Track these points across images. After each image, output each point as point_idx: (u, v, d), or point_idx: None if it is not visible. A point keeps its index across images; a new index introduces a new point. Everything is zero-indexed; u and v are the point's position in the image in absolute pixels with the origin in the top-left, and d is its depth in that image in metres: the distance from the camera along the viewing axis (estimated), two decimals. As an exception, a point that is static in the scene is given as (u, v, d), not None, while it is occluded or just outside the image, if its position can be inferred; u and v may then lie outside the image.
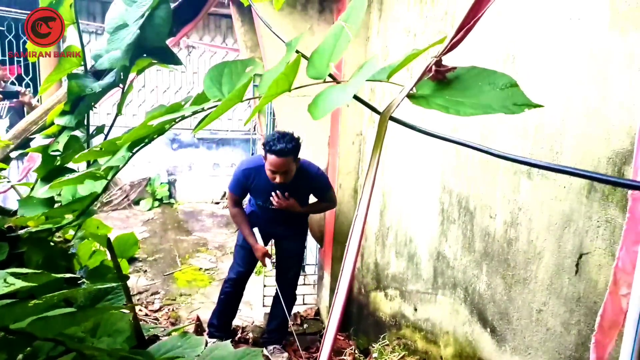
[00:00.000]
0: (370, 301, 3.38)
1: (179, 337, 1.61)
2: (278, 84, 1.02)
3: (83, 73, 1.65)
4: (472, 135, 1.97)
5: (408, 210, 2.73)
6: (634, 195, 1.03)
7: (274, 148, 2.94)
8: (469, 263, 2.09)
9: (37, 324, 1.06)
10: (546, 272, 1.59)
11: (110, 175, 1.45)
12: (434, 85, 0.99)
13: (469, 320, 2.12)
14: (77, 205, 1.50)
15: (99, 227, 1.90)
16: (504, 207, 1.80)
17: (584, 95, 1.41)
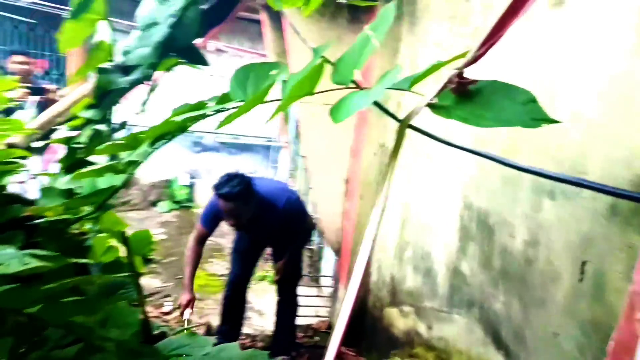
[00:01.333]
0: (385, 316, 3.34)
1: (187, 336, 1.61)
2: (301, 86, 1.03)
3: (112, 68, 1.67)
4: (497, 150, 1.94)
5: (428, 224, 2.70)
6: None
7: (220, 191, 2.85)
8: (486, 281, 2.05)
9: (49, 309, 1.07)
10: (564, 293, 1.55)
11: (130, 170, 1.46)
12: (456, 97, 0.99)
13: (483, 340, 2.07)
14: (96, 197, 1.51)
15: (116, 222, 1.91)
16: (524, 225, 1.76)
17: (607, 117, 1.38)
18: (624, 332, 1.07)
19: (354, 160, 3.64)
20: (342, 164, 3.72)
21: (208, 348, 1.48)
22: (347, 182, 3.77)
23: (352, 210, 3.67)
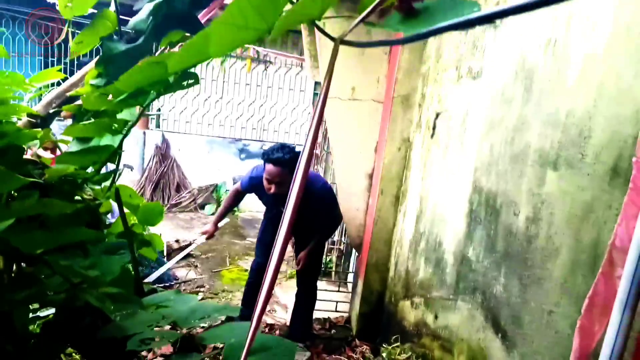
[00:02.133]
0: (398, 310, 3.26)
1: (173, 292, 1.62)
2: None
3: (116, 38, 1.69)
4: (508, 129, 1.87)
5: (440, 214, 2.62)
6: (639, 165, 0.92)
7: (271, 156, 2.97)
8: (489, 265, 1.96)
9: (53, 255, 1.09)
10: (561, 269, 1.46)
11: (125, 129, 1.47)
12: (401, 16, 0.93)
13: (483, 326, 1.98)
14: (94, 155, 1.51)
15: (132, 195, 1.94)
16: (528, 202, 1.68)
17: (617, 74, 1.30)
18: (602, 290, 0.99)
19: (379, 155, 3.59)
20: (366, 160, 3.67)
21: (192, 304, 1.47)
22: (370, 177, 3.71)
23: (373, 205, 3.61)
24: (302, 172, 0.86)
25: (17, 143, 1.49)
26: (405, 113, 3.28)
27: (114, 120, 1.42)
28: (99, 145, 1.44)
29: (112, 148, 1.44)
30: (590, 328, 0.99)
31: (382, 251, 3.65)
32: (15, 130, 1.47)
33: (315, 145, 0.93)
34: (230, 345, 1.05)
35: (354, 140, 3.63)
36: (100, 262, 1.35)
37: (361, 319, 3.84)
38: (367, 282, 3.72)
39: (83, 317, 1.34)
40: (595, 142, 1.30)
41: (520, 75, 1.81)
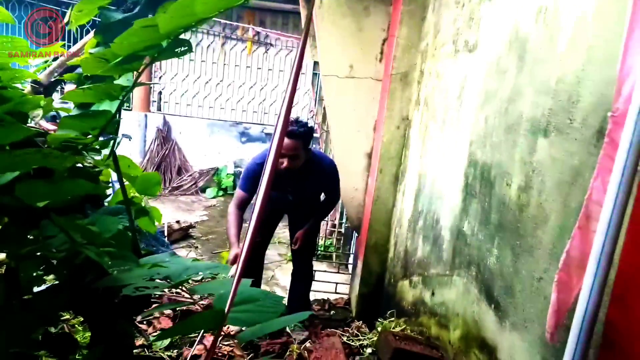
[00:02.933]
0: (397, 291, 3.30)
1: (168, 254, 1.65)
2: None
3: (114, 8, 1.71)
4: (502, 100, 1.89)
5: (438, 191, 2.65)
6: (615, 119, 0.94)
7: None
8: (483, 238, 1.99)
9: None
10: (550, 236, 1.49)
11: (123, 94, 1.50)
12: None
13: (477, 298, 2.01)
14: (93, 120, 1.54)
15: (130, 166, 1.96)
16: (520, 171, 1.70)
17: (605, 37, 1.31)
18: (579, 245, 1.01)
19: (378, 134, 3.60)
20: (365, 139, 3.69)
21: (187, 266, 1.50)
22: (369, 156, 3.73)
23: (372, 185, 3.63)
24: (276, 146, 0.88)
25: (21, 109, 1.52)
26: (404, 91, 3.29)
27: (111, 85, 1.45)
28: (97, 110, 1.47)
29: (109, 114, 1.46)
30: (568, 282, 1.01)
31: (382, 232, 3.67)
32: (19, 96, 1.50)
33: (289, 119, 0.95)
34: (219, 296, 1.08)
35: (352, 119, 3.65)
36: (99, 221, 1.39)
37: (360, 300, 3.87)
38: (367, 263, 3.76)
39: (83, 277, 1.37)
40: (583, 107, 1.32)
41: (514, 45, 1.83)
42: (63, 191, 1.06)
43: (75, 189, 1.09)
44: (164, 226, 6.00)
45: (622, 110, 0.90)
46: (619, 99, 0.90)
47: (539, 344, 1.52)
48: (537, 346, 1.53)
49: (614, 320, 0.96)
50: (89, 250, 1.22)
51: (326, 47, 3.41)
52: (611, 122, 0.93)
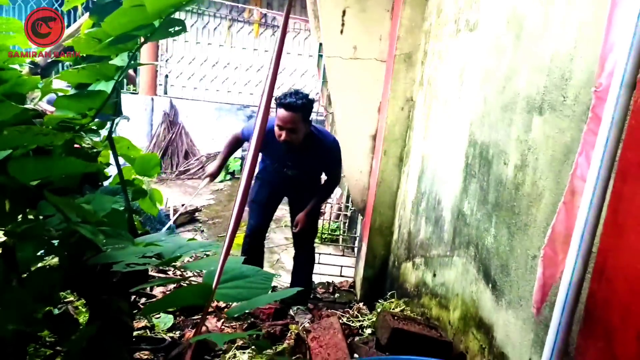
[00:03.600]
0: (401, 273, 3.31)
1: (164, 233, 1.67)
2: None
3: None
4: (500, 78, 1.88)
5: (440, 172, 2.65)
6: (598, 94, 0.94)
7: (283, 101, 2.89)
8: (482, 217, 1.99)
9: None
10: (544, 213, 1.49)
11: (118, 75, 1.51)
12: None
13: (476, 278, 2.02)
14: (89, 101, 1.55)
15: (129, 147, 1.98)
16: (516, 150, 1.70)
17: (595, 13, 1.30)
18: (564, 219, 1.02)
19: (382, 116, 3.59)
20: (369, 120, 3.68)
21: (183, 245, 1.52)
22: (374, 138, 3.73)
23: (376, 167, 3.63)
24: (259, 124, 0.89)
25: (19, 90, 1.54)
26: (408, 71, 3.27)
27: (106, 65, 1.46)
28: (93, 90, 1.48)
29: (105, 94, 1.48)
30: (553, 258, 1.02)
31: (386, 214, 3.67)
32: (16, 77, 1.52)
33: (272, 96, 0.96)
34: (209, 272, 1.10)
35: (356, 100, 3.64)
36: (94, 200, 1.41)
37: (365, 283, 3.89)
38: (371, 246, 3.77)
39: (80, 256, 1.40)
40: (575, 84, 1.31)
41: (511, 24, 1.82)
42: (56, 169, 1.08)
43: (68, 167, 1.10)
44: (170, 210, 6.04)
45: (605, 85, 0.89)
46: (602, 75, 0.90)
47: (532, 322, 1.53)
48: (530, 323, 1.54)
49: (595, 294, 0.97)
50: (83, 228, 1.24)
51: (330, 29, 3.39)
52: (595, 97, 0.93)
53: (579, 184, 0.96)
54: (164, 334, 2.37)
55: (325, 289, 4.26)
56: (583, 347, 1.04)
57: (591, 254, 0.95)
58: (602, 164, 0.87)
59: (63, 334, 1.41)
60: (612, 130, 0.86)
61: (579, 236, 0.92)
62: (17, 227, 1.29)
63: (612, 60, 0.89)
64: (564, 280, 0.97)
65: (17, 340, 1.30)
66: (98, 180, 1.80)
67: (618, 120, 0.85)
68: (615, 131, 0.86)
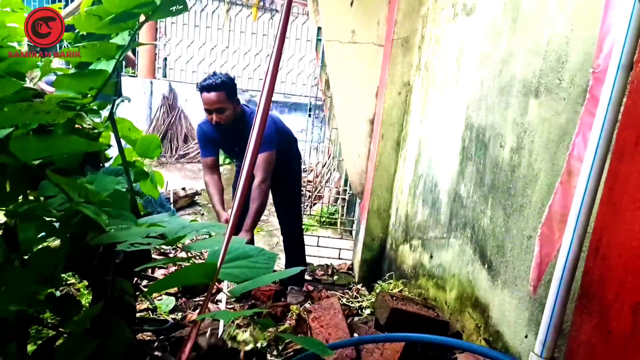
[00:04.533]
0: (398, 255, 3.34)
1: (167, 214, 1.68)
2: None
3: None
4: (496, 62, 1.89)
5: (437, 155, 2.66)
6: (596, 75, 0.95)
7: (203, 84, 2.88)
8: (478, 199, 2.02)
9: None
10: (539, 195, 1.51)
11: (118, 55, 1.51)
12: None
13: (472, 259, 2.05)
14: (89, 80, 1.55)
15: (130, 129, 1.98)
16: (512, 132, 1.72)
17: None
18: (561, 199, 1.04)
19: (379, 100, 3.60)
20: (367, 104, 3.69)
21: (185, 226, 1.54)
22: (372, 122, 3.74)
23: (374, 151, 3.65)
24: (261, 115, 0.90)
25: (18, 69, 1.53)
26: (405, 56, 3.27)
27: (107, 44, 1.46)
28: (94, 70, 1.48)
29: (106, 73, 1.48)
30: (550, 236, 1.04)
31: (384, 197, 3.69)
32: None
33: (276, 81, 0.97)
34: (213, 252, 1.12)
35: (354, 85, 3.64)
36: (96, 180, 1.43)
37: (363, 265, 3.93)
38: (369, 229, 3.80)
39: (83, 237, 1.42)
40: (570, 67, 1.33)
41: (508, 7, 1.82)
42: (57, 148, 1.09)
43: (71, 146, 1.11)
44: (170, 193, 6.06)
45: (602, 66, 0.91)
46: (600, 56, 0.91)
47: (527, 300, 1.56)
48: (525, 302, 1.57)
49: (590, 271, 0.99)
50: (86, 208, 1.25)
51: (329, 12, 3.39)
52: (592, 78, 0.94)
53: (575, 164, 0.98)
54: (166, 315, 2.40)
55: (324, 271, 4.31)
56: (578, 323, 1.06)
57: (587, 232, 0.97)
58: (599, 144, 0.89)
59: (65, 315, 1.43)
60: (609, 110, 0.88)
61: (575, 215, 0.94)
62: (18, 207, 1.30)
63: (610, 41, 0.90)
64: (560, 258, 0.99)
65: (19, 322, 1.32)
66: (99, 162, 1.81)
67: (615, 101, 0.87)
68: (612, 111, 0.88)
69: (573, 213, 0.95)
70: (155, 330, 2.07)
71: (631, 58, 0.91)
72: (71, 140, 1.08)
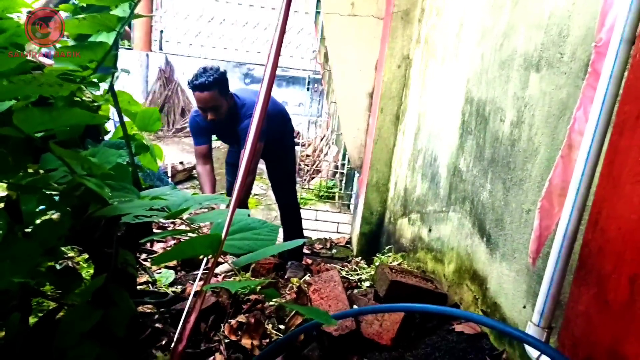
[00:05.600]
0: (397, 229, 3.37)
1: (169, 187, 1.69)
2: None
3: None
4: (498, 35, 1.88)
5: (436, 129, 2.66)
6: (598, 49, 0.95)
7: (195, 83, 2.86)
8: (478, 173, 2.03)
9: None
10: (539, 168, 1.52)
11: (119, 27, 1.49)
12: None
13: (471, 232, 2.07)
14: (90, 52, 1.55)
15: (130, 102, 1.97)
16: (513, 107, 1.72)
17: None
18: (561, 173, 1.05)
19: (378, 73, 3.58)
20: (367, 78, 3.67)
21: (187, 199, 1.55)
22: (371, 96, 3.73)
23: (373, 125, 3.64)
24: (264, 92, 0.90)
25: (18, 41, 1.52)
26: (405, 29, 3.24)
27: (107, 16, 1.44)
28: (94, 42, 1.47)
29: (107, 45, 1.47)
30: (550, 209, 1.05)
31: (382, 171, 3.71)
32: (15, 26, 1.50)
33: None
34: (217, 224, 1.13)
35: (354, 58, 3.62)
36: (98, 153, 1.43)
37: (361, 238, 3.96)
38: (368, 202, 3.82)
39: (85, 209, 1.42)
40: (572, 40, 1.32)
41: (511, -22, 1.81)
42: (61, 120, 1.09)
43: (74, 117, 1.11)
44: (168, 167, 6.06)
45: (604, 40, 0.91)
46: (602, 29, 0.91)
47: (525, 273, 1.58)
48: (523, 274, 1.60)
49: (589, 243, 1.01)
50: (89, 181, 1.26)
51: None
52: (594, 52, 0.94)
53: (576, 137, 0.98)
54: (166, 288, 2.43)
55: (322, 244, 4.34)
56: (576, 294, 1.08)
57: (586, 205, 0.99)
58: (600, 117, 0.90)
59: (66, 287, 1.44)
60: (611, 84, 0.88)
61: (575, 188, 0.95)
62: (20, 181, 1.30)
63: (612, 15, 0.90)
64: (559, 230, 1.00)
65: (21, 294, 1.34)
66: (99, 135, 1.81)
67: (617, 75, 0.87)
68: (614, 85, 0.88)
69: (573, 186, 0.96)
70: (155, 302, 2.10)
71: (634, 32, 0.91)
72: (74, 112, 1.08)
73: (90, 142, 1.71)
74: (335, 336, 1.91)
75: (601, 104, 0.90)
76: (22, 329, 1.26)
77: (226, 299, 2.09)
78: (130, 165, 1.65)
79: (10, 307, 1.22)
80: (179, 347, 0.94)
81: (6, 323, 1.15)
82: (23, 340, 1.21)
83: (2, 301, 1.20)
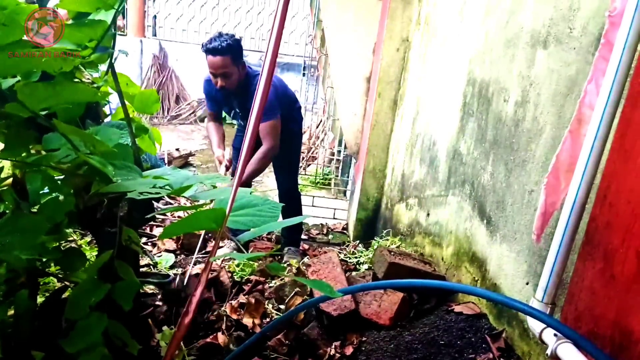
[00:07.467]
0: (394, 214, 3.37)
1: (170, 168, 1.68)
2: None
3: None
4: (504, 12, 1.86)
5: (436, 112, 2.66)
6: (612, 19, 0.94)
7: (208, 46, 2.81)
8: (479, 156, 2.02)
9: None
10: (544, 148, 1.51)
11: (117, 5, 1.47)
12: None
13: (470, 215, 2.07)
14: (89, 30, 1.52)
15: (128, 84, 1.95)
16: (518, 86, 1.71)
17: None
18: (569, 148, 1.04)
19: (376, 57, 3.56)
20: (364, 62, 3.65)
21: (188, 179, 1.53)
22: (368, 80, 3.71)
23: (371, 110, 3.63)
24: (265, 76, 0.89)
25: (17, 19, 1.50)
26: (405, 10, 3.22)
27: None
28: (94, 20, 1.45)
29: (106, 24, 1.45)
30: (556, 185, 1.05)
31: (380, 157, 3.69)
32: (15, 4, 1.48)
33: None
34: (220, 201, 1.12)
35: (351, 41, 3.59)
36: (100, 132, 1.41)
37: (358, 224, 3.96)
38: (364, 188, 3.81)
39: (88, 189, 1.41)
40: (583, 14, 1.31)
41: (517, -45, 1.79)
42: (65, 95, 1.08)
43: (76, 93, 1.10)
44: (164, 154, 6.03)
45: (619, 9, 0.90)
46: (616, 0, 0.90)
47: (526, 253, 1.59)
48: (524, 255, 1.60)
49: (596, 218, 1.01)
50: (93, 159, 1.25)
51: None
52: (608, 22, 0.93)
53: (586, 111, 0.98)
54: (167, 270, 2.43)
55: (319, 230, 4.34)
56: (581, 270, 1.09)
57: (594, 180, 0.98)
58: (612, 89, 0.89)
59: (71, 266, 1.44)
60: (624, 54, 0.87)
61: (584, 162, 0.95)
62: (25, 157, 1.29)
63: (627, -16, 0.89)
64: (566, 205, 1.00)
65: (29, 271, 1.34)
66: (99, 117, 1.80)
67: (631, 45, 0.86)
68: (628, 56, 0.87)
69: (582, 160, 0.95)
70: (157, 283, 2.10)
71: (648, 2, 0.90)
72: (78, 88, 1.07)
73: (91, 123, 1.70)
74: (335, 316, 1.92)
75: (614, 76, 0.89)
76: (31, 305, 1.25)
77: (227, 278, 2.09)
78: (131, 146, 1.64)
79: (18, 284, 1.22)
80: (186, 319, 0.93)
81: (15, 300, 1.14)
82: (31, 317, 1.21)
83: (10, 279, 1.19)
